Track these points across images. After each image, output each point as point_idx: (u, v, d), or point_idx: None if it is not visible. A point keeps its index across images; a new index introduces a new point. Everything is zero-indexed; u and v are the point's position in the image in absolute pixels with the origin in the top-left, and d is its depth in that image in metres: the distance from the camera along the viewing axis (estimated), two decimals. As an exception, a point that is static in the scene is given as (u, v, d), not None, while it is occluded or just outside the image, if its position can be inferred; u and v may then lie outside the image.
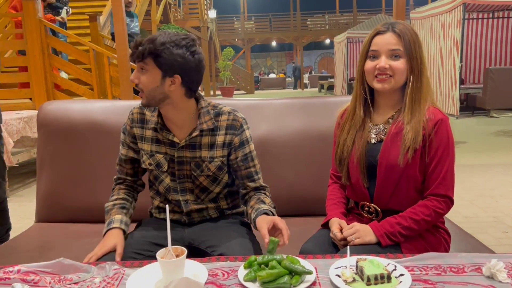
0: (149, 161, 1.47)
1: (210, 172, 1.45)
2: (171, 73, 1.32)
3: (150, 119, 1.46)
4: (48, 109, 1.95)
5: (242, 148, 1.46)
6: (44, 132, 1.93)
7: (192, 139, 1.42)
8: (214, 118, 1.43)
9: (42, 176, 1.92)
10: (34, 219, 1.96)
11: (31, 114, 4.30)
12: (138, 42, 1.31)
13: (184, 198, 1.48)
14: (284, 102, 2.01)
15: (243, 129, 1.46)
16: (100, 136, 1.89)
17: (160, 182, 1.49)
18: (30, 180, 4.67)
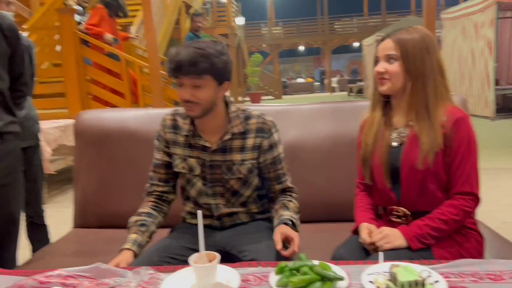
0: (182, 165, 1.50)
1: (241, 174, 1.47)
2: (223, 81, 1.38)
3: (182, 126, 1.50)
4: (84, 118, 2.02)
5: (271, 151, 1.49)
6: (81, 141, 2.00)
7: (223, 143, 1.46)
8: (244, 121, 1.47)
9: (78, 183, 1.99)
10: (71, 225, 2.02)
11: (67, 123, 4.45)
12: (192, 59, 1.30)
13: (215, 202, 1.51)
14: (313, 107, 2.01)
15: (272, 132, 1.49)
16: (133, 143, 1.94)
17: (192, 186, 1.52)
18: (66, 186, 4.83)
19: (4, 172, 1.65)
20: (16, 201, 1.74)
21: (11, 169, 1.68)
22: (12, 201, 1.71)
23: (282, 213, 1.43)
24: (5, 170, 1.65)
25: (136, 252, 1.38)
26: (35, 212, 2.39)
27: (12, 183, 1.69)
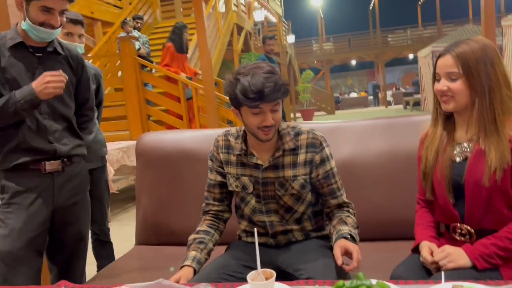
0: (236, 184, 1.54)
1: (294, 190, 1.48)
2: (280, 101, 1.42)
3: (234, 145, 1.54)
4: (145, 140, 2.12)
5: (323, 165, 1.49)
6: (142, 161, 2.10)
7: (275, 160, 1.48)
8: (294, 138, 1.49)
9: (140, 201, 2.09)
10: (133, 242, 2.12)
11: (129, 144, 4.68)
12: (268, 86, 1.33)
13: (269, 219, 1.52)
14: (367, 123, 1.99)
15: (323, 146, 1.50)
16: (191, 163, 2.01)
17: (246, 204, 1.55)
18: (128, 205, 5.04)
19: (73, 192, 1.77)
20: (84, 219, 1.85)
21: (79, 189, 1.81)
22: (80, 219, 1.82)
23: (340, 228, 1.41)
24: (73, 190, 1.78)
25: (196, 269, 1.42)
26: (101, 230, 2.52)
27: (80, 202, 1.81)
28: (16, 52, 1.64)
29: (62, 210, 1.75)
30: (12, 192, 1.66)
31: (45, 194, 1.69)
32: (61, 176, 1.73)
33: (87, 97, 1.86)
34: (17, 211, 1.65)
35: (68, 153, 1.73)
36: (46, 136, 1.68)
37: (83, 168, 1.85)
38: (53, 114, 1.70)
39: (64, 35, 2.21)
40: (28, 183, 1.67)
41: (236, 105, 1.42)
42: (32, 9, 1.58)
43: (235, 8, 10.81)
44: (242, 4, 11.85)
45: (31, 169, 1.67)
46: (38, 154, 1.66)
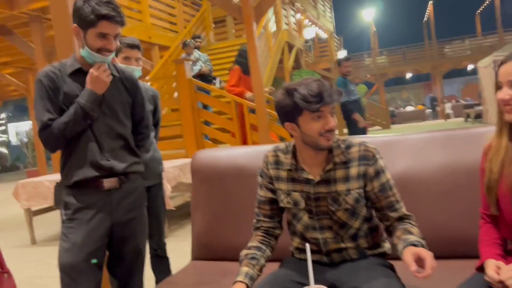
0: (287, 200, 1.52)
1: (348, 205, 1.44)
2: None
3: (284, 161, 1.53)
4: (200, 157, 2.18)
5: (378, 178, 1.44)
6: (197, 178, 2.15)
7: (326, 174, 1.45)
8: (345, 151, 1.46)
9: (196, 217, 2.13)
10: (189, 257, 2.16)
11: (185, 162, 4.82)
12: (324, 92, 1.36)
13: (323, 236, 1.48)
14: (423, 136, 1.91)
15: (376, 158, 1.45)
16: (244, 179, 2.03)
17: (298, 220, 1.52)
18: (184, 221, 5.16)
19: (130, 208, 1.84)
20: (141, 234, 1.91)
21: (135, 205, 1.87)
22: (137, 234, 1.88)
23: (407, 237, 1.35)
24: (130, 206, 1.84)
25: (248, 285, 1.42)
26: (158, 245, 2.59)
27: (137, 217, 1.88)
28: (76, 77, 1.76)
29: (120, 225, 1.81)
30: (73, 209, 1.75)
31: (103, 210, 1.77)
32: (118, 193, 1.80)
33: (142, 116, 1.94)
34: (78, 226, 1.74)
35: (125, 170, 1.80)
36: (103, 154, 1.76)
37: (139, 184, 1.92)
38: (110, 133, 1.79)
39: (122, 59, 2.34)
40: (88, 200, 1.76)
41: (293, 117, 1.41)
42: (90, 36, 1.69)
43: (286, 27, 10.92)
44: (293, 23, 11.95)
45: (90, 186, 1.76)
46: (97, 172, 1.75)
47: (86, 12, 1.65)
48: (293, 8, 12.14)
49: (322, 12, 16.08)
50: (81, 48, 1.74)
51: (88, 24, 1.67)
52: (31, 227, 4.86)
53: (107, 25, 1.67)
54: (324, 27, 16.25)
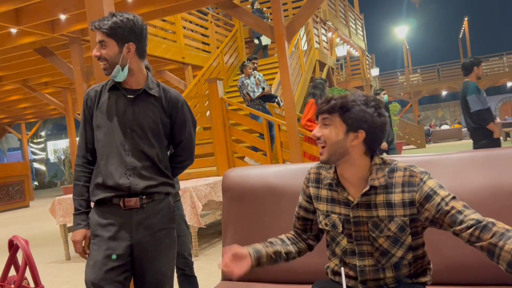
0: (325, 222, 1.47)
1: (390, 232, 1.36)
2: (356, 128, 1.36)
3: (326, 176, 1.48)
4: (231, 176, 2.17)
5: (431, 200, 1.32)
6: (228, 196, 2.14)
7: (366, 197, 1.38)
8: (387, 174, 1.38)
9: (226, 236, 2.11)
10: (219, 277, 2.13)
11: (216, 180, 4.83)
12: (330, 98, 1.41)
13: (362, 262, 1.41)
14: (463, 155, 1.84)
15: (423, 181, 1.34)
16: (275, 198, 2.00)
17: (337, 244, 1.46)
18: (215, 240, 5.14)
19: (152, 229, 1.79)
20: (166, 257, 1.85)
21: (159, 227, 1.81)
22: (161, 257, 1.83)
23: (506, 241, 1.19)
24: (153, 227, 1.80)
25: (250, 252, 1.44)
26: (185, 264, 2.58)
27: (161, 239, 1.82)
28: (113, 93, 1.82)
29: (140, 246, 1.78)
30: (96, 226, 1.77)
31: (123, 229, 1.76)
32: (139, 213, 1.77)
33: (181, 138, 1.91)
34: (100, 243, 1.75)
35: (146, 190, 1.77)
36: (125, 172, 1.76)
37: (166, 205, 1.85)
38: (135, 152, 1.79)
39: None
40: (109, 218, 1.77)
41: None
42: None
43: (317, 45, 10.94)
44: (324, 41, 11.97)
45: (114, 204, 1.77)
46: (116, 190, 1.75)
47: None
48: (324, 27, 12.17)
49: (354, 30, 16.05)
50: None
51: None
52: (66, 243, 4.96)
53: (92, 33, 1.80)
54: (356, 45, 16.19)
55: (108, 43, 1.74)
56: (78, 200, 1.82)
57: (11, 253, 2.14)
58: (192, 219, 4.18)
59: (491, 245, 1.22)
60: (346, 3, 15.01)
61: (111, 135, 1.77)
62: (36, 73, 9.35)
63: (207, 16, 10.13)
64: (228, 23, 11.14)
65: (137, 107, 1.80)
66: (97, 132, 1.80)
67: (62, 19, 6.16)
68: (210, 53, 9.88)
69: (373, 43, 24.56)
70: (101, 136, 1.79)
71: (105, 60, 1.75)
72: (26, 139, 17.72)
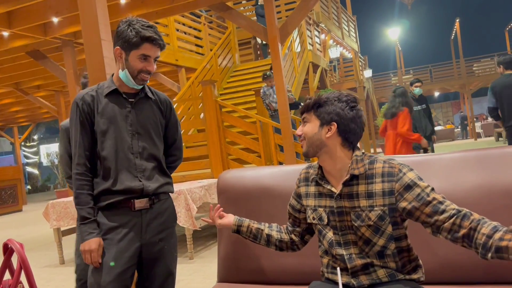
0: (313, 215, 1.55)
1: (370, 221, 1.41)
2: (328, 121, 1.46)
3: (313, 173, 1.58)
4: (226, 177, 2.17)
5: (411, 191, 1.37)
6: (223, 198, 2.14)
7: (348, 188, 1.45)
8: (368, 165, 1.45)
9: (222, 239, 2.11)
10: (215, 279, 2.13)
11: (210, 182, 4.83)
12: (307, 98, 1.53)
13: (348, 252, 1.46)
14: (455, 156, 1.86)
15: (403, 172, 1.40)
16: (270, 199, 2.01)
17: (323, 236, 1.53)
18: (210, 242, 5.14)
19: (160, 228, 1.85)
20: (171, 256, 1.91)
21: (165, 226, 1.88)
22: (167, 255, 1.88)
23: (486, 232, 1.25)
24: (160, 227, 1.85)
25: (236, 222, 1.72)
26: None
27: (166, 238, 1.88)
28: (112, 98, 1.82)
29: (149, 245, 1.82)
30: (105, 229, 1.77)
31: (134, 230, 1.78)
32: (149, 213, 1.82)
33: (175, 138, 1.99)
34: (109, 246, 1.76)
35: (156, 191, 1.83)
36: (135, 174, 1.80)
37: (170, 205, 1.93)
38: (143, 154, 1.83)
39: None
40: (119, 220, 1.78)
41: None
42: (132, 58, 1.76)
43: (311, 47, 10.98)
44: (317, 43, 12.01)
45: (122, 207, 1.78)
46: (128, 193, 1.77)
47: (131, 35, 1.73)
48: (317, 29, 12.22)
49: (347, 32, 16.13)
50: (121, 70, 1.81)
51: (131, 46, 1.74)
52: (60, 247, 4.93)
53: (150, 48, 1.75)
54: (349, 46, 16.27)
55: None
56: (85, 209, 1.76)
57: (6, 257, 2.13)
58: (187, 221, 4.18)
59: (470, 230, 1.29)
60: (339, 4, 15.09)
61: (118, 139, 1.79)
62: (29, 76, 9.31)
63: (200, 19, 10.14)
64: (221, 25, 11.16)
65: (139, 110, 1.84)
66: (102, 138, 1.79)
67: (55, 22, 6.14)
68: (204, 55, 9.89)
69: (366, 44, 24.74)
70: (108, 142, 1.79)
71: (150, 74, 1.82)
72: (18, 143, 17.60)
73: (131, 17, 1.78)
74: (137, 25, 1.73)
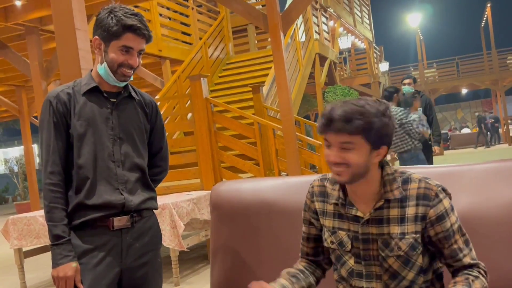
0: (331, 239, 1.53)
1: (401, 251, 1.42)
2: (379, 145, 1.41)
3: (331, 193, 1.54)
4: (220, 191, 2.18)
5: (441, 223, 1.41)
6: (217, 215, 2.15)
7: (378, 212, 1.44)
8: (401, 186, 1.44)
9: (216, 262, 2.12)
10: (207, 310, 2.14)
11: (200, 195, 4.83)
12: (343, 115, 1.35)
13: (369, 285, 1.47)
14: (489, 166, 1.88)
15: (440, 198, 1.42)
16: (273, 216, 2.02)
17: (342, 264, 1.52)
18: (199, 265, 5.15)
19: (142, 251, 1.85)
20: (155, 282, 1.91)
21: (149, 248, 1.88)
22: (151, 282, 1.89)
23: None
24: (143, 249, 1.86)
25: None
26: None
27: (150, 262, 1.88)
28: (91, 97, 1.82)
29: (130, 270, 1.83)
30: (79, 252, 1.77)
31: (112, 253, 1.79)
32: (130, 233, 1.82)
33: (161, 146, 2.00)
34: (83, 272, 1.76)
35: (138, 207, 1.83)
36: (116, 186, 1.80)
37: (154, 223, 1.93)
38: (126, 163, 1.83)
39: None
40: (95, 241, 1.78)
41: None
42: (111, 49, 1.77)
43: (317, 36, 11.03)
44: (325, 31, 12.07)
45: (98, 225, 1.79)
46: (107, 208, 1.77)
47: (111, 23, 1.74)
48: (325, 14, 12.29)
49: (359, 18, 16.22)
50: (99, 64, 1.82)
51: (111, 36, 1.75)
52: (21, 271, 4.91)
53: (133, 38, 1.75)
54: (362, 35, 16.35)
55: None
56: (60, 226, 1.73)
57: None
58: (173, 241, 4.18)
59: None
60: (350, -14, 15.19)
61: (97, 145, 1.79)
62: (-15, 68, 9.29)
63: (188, 2, 10.16)
64: (213, 10, 11.19)
65: (121, 112, 1.85)
66: (79, 143, 1.78)
67: (18, 6, 6.16)
68: (192, 45, 9.91)
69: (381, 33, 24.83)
70: (85, 148, 1.78)
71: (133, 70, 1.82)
72: (-29, 146, 17.52)
73: (113, 3, 1.79)
74: (119, 13, 1.74)
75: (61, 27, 2.50)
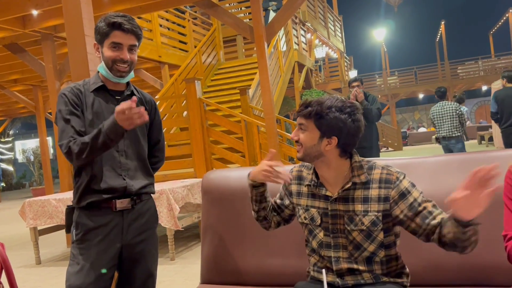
0: (305, 215, 1.56)
1: (363, 226, 1.44)
2: (329, 134, 1.43)
3: (306, 176, 1.58)
4: (210, 178, 2.18)
5: (404, 199, 1.41)
6: (208, 199, 2.15)
7: (345, 192, 1.47)
8: (367, 171, 1.47)
9: (206, 239, 2.12)
10: (197, 280, 2.14)
11: (193, 182, 4.81)
12: (308, 102, 1.47)
13: (336, 254, 1.49)
14: (439, 159, 1.90)
15: (400, 180, 1.44)
16: (255, 201, 2.02)
17: (314, 237, 1.54)
18: (192, 243, 5.13)
19: (141, 229, 1.84)
20: (152, 257, 1.90)
21: (146, 227, 1.87)
22: (148, 257, 1.88)
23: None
24: (141, 228, 1.85)
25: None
26: None
27: (147, 239, 1.87)
28: (98, 94, 1.81)
29: (130, 247, 1.82)
30: (84, 229, 1.76)
31: (114, 231, 1.78)
32: (130, 214, 1.81)
33: (158, 139, 1.99)
34: (88, 248, 1.75)
35: (138, 191, 1.82)
36: (120, 172, 1.79)
37: (151, 205, 1.93)
38: (128, 152, 1.82)
39: None
40: (99, 221, 1.76)
41: None
42: (105, 49, 1.75)
43: (296, 47, 11.03)
44: (303, 42, 12.08)
45: (103, 207, 1.77)
46: (110, 192, 1.76)
47: (101, 26, 1.73)
48: (303, 28, 12.29)
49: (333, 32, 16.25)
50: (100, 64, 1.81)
51: (103, 37, 1.74)
52: (36, 247, 4.86)
53: (120, 35, 1.72)
54: (335, 46, 16.40)
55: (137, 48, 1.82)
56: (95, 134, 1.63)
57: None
58: (169, 221, 4.16)
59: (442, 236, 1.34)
60: (325, 4, 15.19)
61: None
62: (5, 70, 9.12)
63: (185, 14, 10.08)
64: (206, 22, 11.12)
65: None
66: (89, 130, 1.73)
67: (34, 15, 6.04)
68: (188, 52, 9.84)
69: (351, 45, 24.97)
70: None
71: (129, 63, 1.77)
72: (-7, 138, 17.23)
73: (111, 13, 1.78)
74: (109, 16, 1.73)
75: (72, 34, 2.46)
